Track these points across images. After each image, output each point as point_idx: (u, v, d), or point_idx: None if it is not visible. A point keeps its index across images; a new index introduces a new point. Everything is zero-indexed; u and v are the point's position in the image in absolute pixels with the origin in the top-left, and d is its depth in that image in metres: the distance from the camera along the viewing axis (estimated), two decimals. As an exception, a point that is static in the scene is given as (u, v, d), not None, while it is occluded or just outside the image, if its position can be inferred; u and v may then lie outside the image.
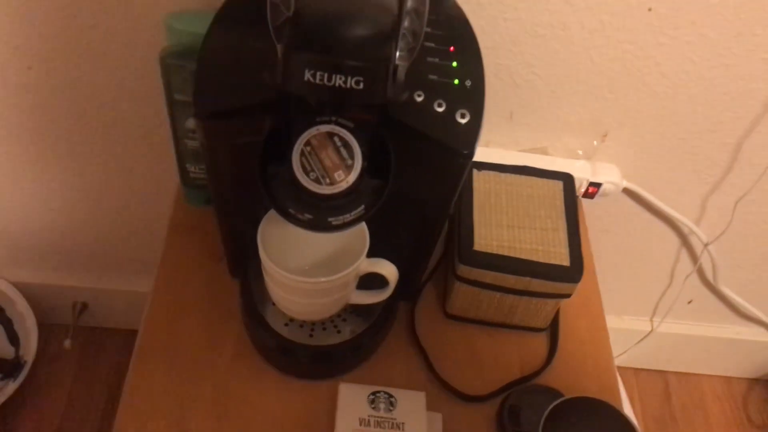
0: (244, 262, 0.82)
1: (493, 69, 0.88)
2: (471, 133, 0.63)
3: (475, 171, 0.85)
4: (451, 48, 0.66)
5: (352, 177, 0.58)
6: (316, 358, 0.78)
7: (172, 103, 0.80)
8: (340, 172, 0.57)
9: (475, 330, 0.85)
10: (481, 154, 0.73)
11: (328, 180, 0.57)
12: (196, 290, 0.85)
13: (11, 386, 1.17)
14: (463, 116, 0.63)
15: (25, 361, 1.20)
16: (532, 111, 0.93)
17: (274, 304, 0.79)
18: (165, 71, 0.76)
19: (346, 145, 0.57)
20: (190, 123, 0.82)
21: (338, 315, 0.80)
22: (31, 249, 1.20)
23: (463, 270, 0.78)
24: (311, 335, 0.78)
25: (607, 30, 0.83)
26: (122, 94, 0.94)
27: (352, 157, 0.57)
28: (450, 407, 0.78)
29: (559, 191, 0.85)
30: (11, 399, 1.16)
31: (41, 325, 1.24)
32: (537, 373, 0.82)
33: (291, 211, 0.60)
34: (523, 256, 0.78)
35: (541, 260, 0.77)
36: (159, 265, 0.86)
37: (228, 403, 0.76)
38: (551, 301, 0.80)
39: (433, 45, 0.65)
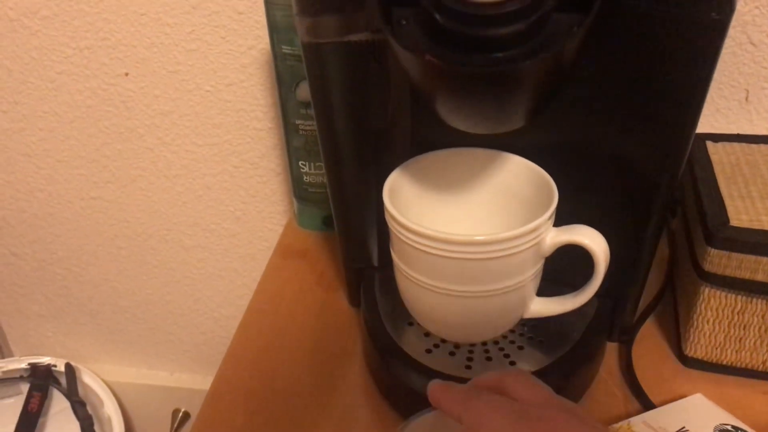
0: (368, 284, 0.57)
1: (716, 21, 0.63)
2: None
3: (709, 143, 0.57)
4: None
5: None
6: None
7: (278, 66, 0.61)
8: (512, -34, 0.33)
9: (739, 385, 0.52)
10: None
11: (490, -21, 0.33)
12: (299, 322, 0.59)
13: None
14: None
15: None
16: (777, 86, 0.65)
17: (411, 323, 0.52)
18: (270, 12, 0.58)
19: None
20: (302, 92, 0.62)
21: (509, 339, 0.51)
22: (122, 340, 1.01)
23: (714, 259, 0.48)
24: (468, 366, 0.49)
25: None
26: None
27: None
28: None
29: None
30: None
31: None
32: None
33: (429, 53, 0.36)
34: (818, 234, 0.47)
35: None
36: (254, 293, 0.62)
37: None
38: None
39: None
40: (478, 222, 0.51)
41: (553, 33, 0.36)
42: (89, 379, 1.03)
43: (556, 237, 0.45)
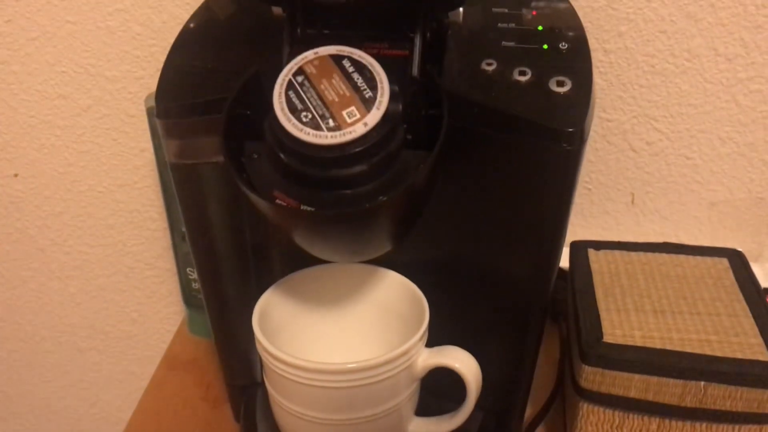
0: (249, 402, 0.55)
1: (598, 129, 0.65)
2: (576, 105, 0.40)
3: (591, 251, 0.58)
4: (533, 12, 0.46)
5: (373, 117, 0.33)
6: None
7: (162, 173, 0.60)
8: (353, 108, 0.33)
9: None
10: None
11: (331, 121, 0.33)
12: (181, 439, 0.57)
13: None
14: (560, 84, 0.40)
15: None
16: (660, 190, 0.67)
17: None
18: (151, 120, 0.57)
19: (362, 69, 0.34)
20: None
21: (389, 463, 0.50)
22: None
23: (589, 376, 0.48)
24: (345, 495, 0.47)
25: (753, 54, 0.60)
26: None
27: (373, 86, 0.34)
28: None
29: (724, 270, 0.56)
30: None
31: None
32: None
33: (272, 191, 0.35)
34: (687, 350, 0.47)
35: (719, 354, 0.47)
36: (134, 411, 0.59)
37: None
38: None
39: (505, 10, 0.46)
40: (355, 339, 0.50)
41: (404, 168, 0.36)
42: (-24, 492, 0.96)
43: (427, 360, 0.44)
